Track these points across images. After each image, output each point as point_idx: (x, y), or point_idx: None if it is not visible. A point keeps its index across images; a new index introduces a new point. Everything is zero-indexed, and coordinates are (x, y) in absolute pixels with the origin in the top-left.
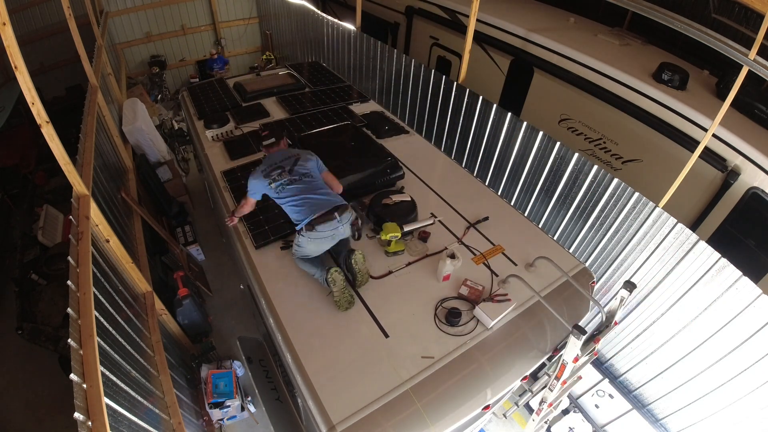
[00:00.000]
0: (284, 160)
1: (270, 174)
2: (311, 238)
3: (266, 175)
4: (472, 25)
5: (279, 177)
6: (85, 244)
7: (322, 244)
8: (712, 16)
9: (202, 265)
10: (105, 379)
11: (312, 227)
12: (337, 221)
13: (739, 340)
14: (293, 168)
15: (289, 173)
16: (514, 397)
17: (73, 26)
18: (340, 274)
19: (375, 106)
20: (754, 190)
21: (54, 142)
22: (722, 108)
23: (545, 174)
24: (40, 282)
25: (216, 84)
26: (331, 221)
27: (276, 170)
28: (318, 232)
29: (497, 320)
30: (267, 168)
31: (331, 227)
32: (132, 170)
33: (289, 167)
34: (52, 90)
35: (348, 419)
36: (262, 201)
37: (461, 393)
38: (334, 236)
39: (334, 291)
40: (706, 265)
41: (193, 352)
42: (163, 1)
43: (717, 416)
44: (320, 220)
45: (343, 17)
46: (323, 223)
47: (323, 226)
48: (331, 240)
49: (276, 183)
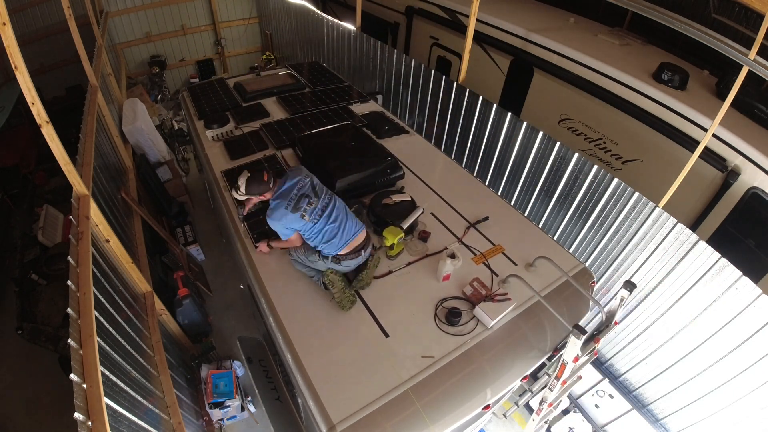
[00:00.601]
0: (301, 187)
1: (298, 207)
2: (330, 266)
3: (294, 209)
4: (472, 25)
5: (309, 206)
6: (85, 244)
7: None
8: (712, 16)
9: (202, 265)
10: (105, 379)
11: (338, 261)
12: (361, 257)
13: (739, 340)
14: (314, 187)
15: (316, 197)
16: (514, 397)
17: (73, 26)
18: (336, 274)
19: (375, 106)
20: (754, 190)
21: (54, 142)
22: (722, 108)
23: (545, 174)
24: (40, 282)
25: (216, 84)
26: (357, 259)
27: (302, 201)
28: (342, 266)
29: (497, 320)
30: (290, 202)
31: (355, 263)
32: (132, 170)
33: (310, 191)
34: (52, 90)
35: (348, 419)
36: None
37: (461, 393)
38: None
39: (333, 292)
40: (706, 265)
41: (193, 352)
42: (163, 1)
43: (717, 416)
44: (349, 257)
45: (343, 17)
46: (350, 260)
47: (349, 262)
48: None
49: (309, 213)
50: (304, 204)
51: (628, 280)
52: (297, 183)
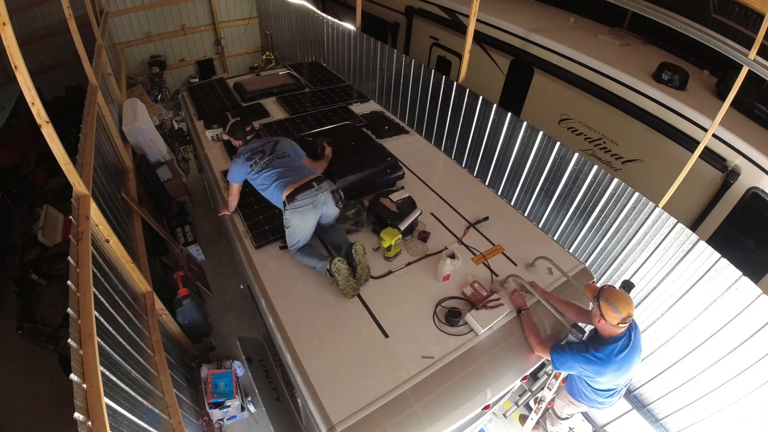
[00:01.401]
0: (264, 145)
1: (251, 158)
2: (294, 209)
3: (248, 158)
4: (472, 25)
5: (260, 160)
6: (85, 244)
7: (306, 216)
8: (712, 16)
9: (202, 265)
10: (105, 379)
11: (293, 198)
12: (316, 189)
13: (739, 340)
14: (273, 150)
15: (269, 155)
16: (514, 397)
17: (73, 26)
18: (343, 263)
19: (375, 106)
20: (754, 190)
21: (54, 142)
22: (722, 108)
23: (545, 174)
24: (40, 282)
25: (216, 84)
26: (310, 189)
27: (257, 154)
28: (299, 202)
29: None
30: (248, 153)
31: (310, 195)
32: (132, 170)
33: (269, 150)
34: (52, 90)
35: (348, 419)
36: (263, 201)
37: (461, 393)
38: (315, 204)
39: (339, 280)
40: (706, 265)
41: (193, 352)
42: (163, 1)
43: (717, 416)
44: (299, 190)
45: (343, 17)
46: (302, 192)
47: (302, 195)
48: (313, 210)
49: (257, 165)
50: (257, 158)
51: (626, 279)
52: (262, 141)
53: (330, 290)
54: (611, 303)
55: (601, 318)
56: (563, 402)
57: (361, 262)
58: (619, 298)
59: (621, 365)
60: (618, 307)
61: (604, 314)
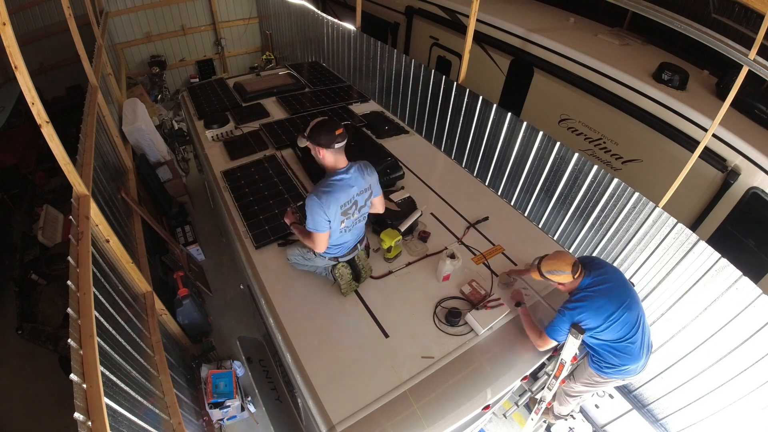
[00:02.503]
0: (360, 193)
1: (347, 211)
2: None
3: (343, 212)
4: (472, 25)
5: (352, 215)
6: (85, 244)
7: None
8: (712, 16)
9: (202, 265)
10: (105, 379)
11: (336, 260)
12: (357, 250)
13: (739, 340)
14: (362, 209)
15: (359, 211)
16: (514, 397)
17: (73, 26)
18: (346, 267)
19: (375, 106)
20: (754, 190)
21: (54, 142)
22: (722, 108)
23: (545, 174)
24: (40, 282)
25: (216, 84)
26: (354, 252)
27: (352, 208)
28: (339, 262)
29: (488, 328)
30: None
31: (351, 256)
32: (132, 170)
33: (360, 206)
34: (52, 90)
35: (348, 419)
36: (263, 201)
37: (461, 393)
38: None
39: (341, 284)
40: (706, 265)
41: (193, 352)
42: (163, 1)
43: (717, 416)
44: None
45: (343, 17)
46: (346, 256)
47: (344, 257)
48: None
49: (348, 221)
50: (352, 212)
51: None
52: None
53: (330, 290)
54: (553, 271)
55: (560, 285)
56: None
57: (365, 266)
58: (553, 260)
59: (606, 295)
60: (559, 267)
61: (557, 281)
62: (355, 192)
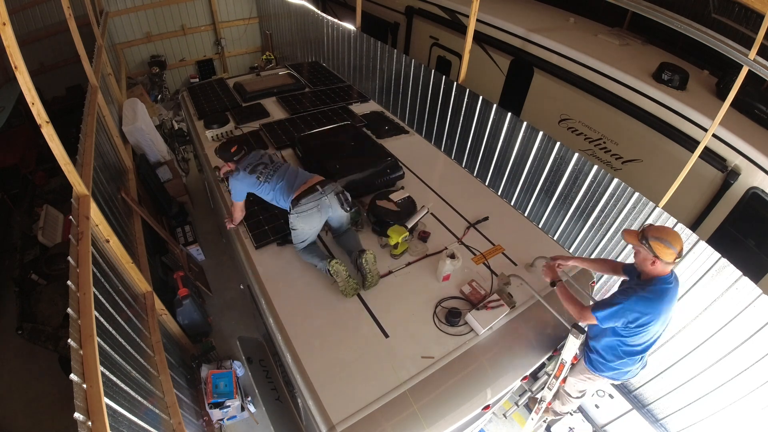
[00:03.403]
0: (261, 157)
1: (254, 170)
2: (299, 213)
3: (251, 171)
4: (472, 25)
5: (264, 169)
6: (85, 244)
7: (311, 219)
8: (712, 16)
9: (202, 265)
10: (105, 379)
11: (297, 202)
12: (320, 192)
13: (739, 340)
14: (272, 160)
15: (271, 163)
16: (514, 397)
17: (73, 26)
18: (341, 264)
19: (375, 106)
20: (754, 190)
21: (54, 142)
22: (722, 108)
23: (545, 174)
24: (40, 282)
25: (216, 84)
26: (314, 192)
27: (259, 166)
28: (303, 206)
29: (488, 328)
30: (249, 167)
31: (314, 198)
32: (132, 170)
33: (268, 160)
34: (52, 90)
35: (348, 419)
36: (263, 201)
37: (461, 393)
38: (320, 208)
39: (338, 281)
40: (706, 265)
41: (193, 352)
42: (163, 1)
43: (717, 416)
44: (304, 194)
45: (343, 17)
46: (307, 196)
47: (307, 198)
48: (318, 213)
49: (263, 175)
50: (261, 168)
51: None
52: (257, 154)
53: (330, 290)
54: (663, 240)
55: (656, 259)
56: (578, 379)
57: (371, 271)
58: (668, 232)
59: (670, 303)
60: (671, 241)
61: (659, 254)
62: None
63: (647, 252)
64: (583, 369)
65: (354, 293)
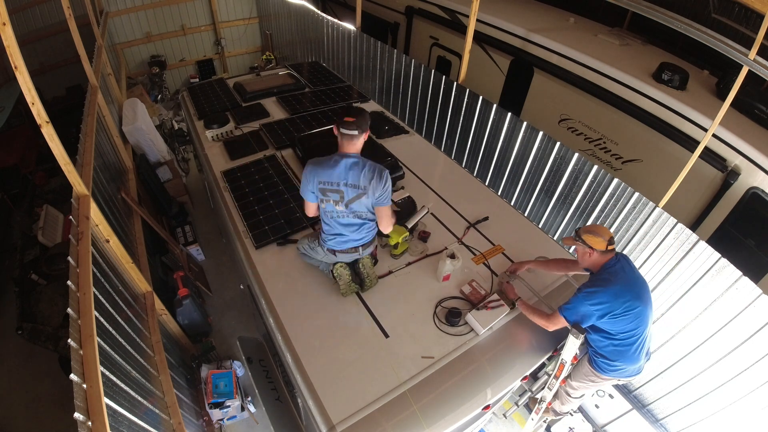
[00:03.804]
0: (348, 185)
1: (325, 192)
2: (327, 255)
3: (320, 189)
4: (472, 25)
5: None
6: (85, 244)
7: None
8: (712, 16)
9: (202, 265)
10: (105, 379)
11: (334, 253)
12: (359, 254)
13: (739, 340)
14: (350, 204)
15: (344, 206)
16: (514, 397)
17: (73, 26)
18: (345, 269)
19: (375, 106)
20: (754, 190)
21: (54, 142)
22: (722, 108)
23: (545, 174)
24: (40, 282)
25: (216, 84)
26: (353, 253)
27: (332, 193)
28: (337, 258)
29: (488, 328)
30: (324, 181)
31: (351, 257)
32: (132, 170)
33: (347, 200)
34: (52, 90)
35: (348, 419)
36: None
37: (461, 393)
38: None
39: (340, 284)
40: (706, 265)
41: (193, 352)
42: (163, 1)
43: (717, 416)
44: (345, 253)
45: (343, 17)
46: (345, 254)
47: (344, 255)
48: None
49: (325, 204)
50: (330, 195)
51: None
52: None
53: (330, 290)
54: (592, 232)
55: (590, 250)
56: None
57: (369, 274)
58: (596, 226)
59: (626, 281)
60: (599, 232)
61: (591, 244)
62: (341, 180)
63: (582, 246)
64: (588, 371)
65: (352, 293)
